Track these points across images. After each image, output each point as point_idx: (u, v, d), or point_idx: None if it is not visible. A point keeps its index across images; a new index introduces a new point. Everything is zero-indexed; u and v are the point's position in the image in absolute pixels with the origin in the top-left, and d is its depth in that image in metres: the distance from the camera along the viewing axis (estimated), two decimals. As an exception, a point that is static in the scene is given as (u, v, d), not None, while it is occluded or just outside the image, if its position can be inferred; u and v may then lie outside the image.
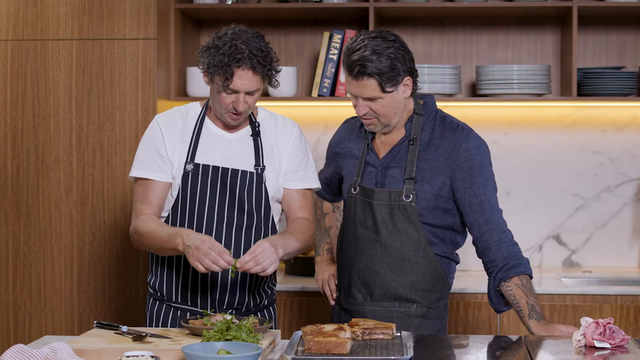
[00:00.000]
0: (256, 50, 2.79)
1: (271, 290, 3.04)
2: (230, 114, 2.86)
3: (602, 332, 2.49)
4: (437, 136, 2.94)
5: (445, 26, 4.36)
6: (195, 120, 2.95)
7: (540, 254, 4.32)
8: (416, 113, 2.96)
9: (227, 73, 2.77)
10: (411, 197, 2.89)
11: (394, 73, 2.84)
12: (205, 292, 2.89)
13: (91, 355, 2.40)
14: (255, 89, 2.83)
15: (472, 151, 2.91)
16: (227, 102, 2.83)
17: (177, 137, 2.92)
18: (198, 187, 2.88)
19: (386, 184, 2.94)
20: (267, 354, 2.45)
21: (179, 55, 4.09)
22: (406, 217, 2.90)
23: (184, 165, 2.89)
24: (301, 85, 4.38)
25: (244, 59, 2.77)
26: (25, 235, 3.93)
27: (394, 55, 2.84)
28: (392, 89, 2.86)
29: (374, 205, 2.93)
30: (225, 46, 2.78)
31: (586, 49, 4.31)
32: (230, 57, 2.77)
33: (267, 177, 2.92)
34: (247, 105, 2.84)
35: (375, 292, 2.95)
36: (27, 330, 3.93)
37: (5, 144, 3.92)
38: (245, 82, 2.80)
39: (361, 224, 2.97)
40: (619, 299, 3.72)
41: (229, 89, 2.80)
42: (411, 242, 2.91)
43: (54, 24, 3.89)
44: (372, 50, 2.82)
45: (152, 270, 3.00)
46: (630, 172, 4.29)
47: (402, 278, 2.93)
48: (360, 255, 2.97)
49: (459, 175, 2.90)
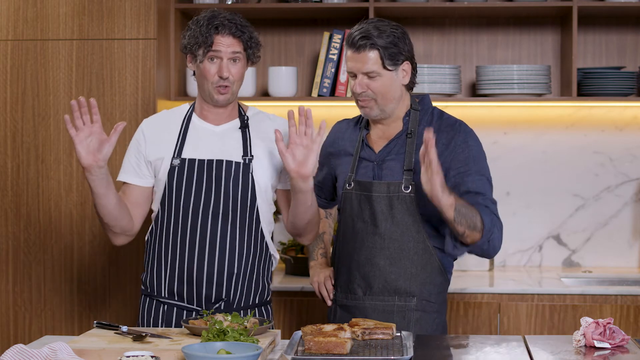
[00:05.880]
0: (235, 19, 2.88)
1: (264, 288, 3.02)
2: (217, 89, 2.90)
3: (602, 332, 2.49)
4: (434, 130, 2.95)
5: (445, 26, 4.36)
6: (183, 118, 3.00)
7: (540, 254, 4.32)
8: (413, 108, 2.99)
9: (207, 41, 2.84)
10: (410, 187, 2.90)
11: (396, 50, 2.89)
12: (191, 285, 2.90)
13: (91, 355, 2.40)
14: (237, 51, 2.87)
15: (469, 142, 2.93)
16: (211, 73, 2.88)
17: (163, 137, 2.97)
18: (184, 181, 2.91)
19: (383, 176, 2.95)
20: (267, 354, 2.45)
21: (179, 55, 4.09)
22: (406, 208, 2.91)
23: (171, 160, 2.93)
24: (301, 85, 4.38)
25: (222, 25, 2.86)
26: (25, 235, 3.93)
27: (396, 34, 2.91)
28: (392, 67, 2.90)
29: (373, 197, 2.94)
30: (204, 19, 2.88)
31: (586, 49, 4.31)
32: (208, 25, 2.86)
33: (256, 167, 2.93)
34: (231, 74, 2.88)
35: (374, 285, 2.95)
36: (27, 330, 3.93)
37: (5, 144, 3.92)
38: (226, 46, 2.86)
39: (359, 218, 2.97)
40: (619, 299, 3.72)
41: (211, 55, 2.86)
42: (410, 234, 2.92)
43: (54, 24, 3.89)
44: (375, 26, 2.91)
45: (145, 266, 3.03)
46: (630, 172, 4.29)
47: (402, 270, 2.93)
48: (359, 248, 2.97)
49: (454, 165, 2.90)
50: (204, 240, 2.88)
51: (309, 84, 4.38)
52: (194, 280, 2.89)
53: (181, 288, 2.91)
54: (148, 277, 2.99)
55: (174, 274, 2.92)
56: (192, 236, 2.89)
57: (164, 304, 2.96)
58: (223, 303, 2.91)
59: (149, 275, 2.98)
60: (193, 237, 2.89)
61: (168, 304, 2.95)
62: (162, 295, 2.95)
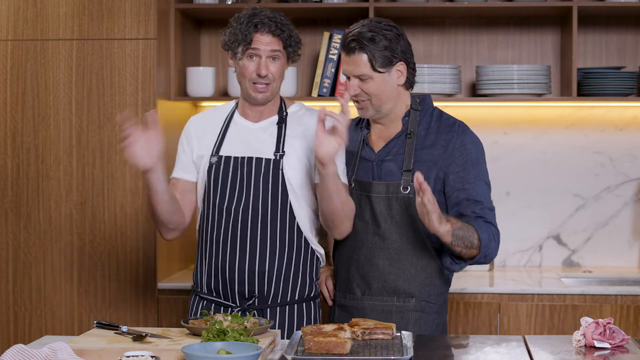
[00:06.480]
0: (275, 17, 2.90)
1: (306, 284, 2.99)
2: (255, 86, 2.91)
3: (602, 332, 2.49)
4: (433, 132, 2.95)
5: (445, 26, 4.36)
6: (226, 116, 3.04)
7: (540, 254, 4.32)
8: (413, 108, 2.99)
9: (246, 38, 2.86)
10: (409, 188, 2.90)
11: (388, 53, 2.89)
12: (225, 282, 2.92)
13: (91, 355, 2.40)
14: (276, 49, 2.88)
15: (467, 146, 2.93)
16: (250, 70, 2.89)
17: (207, 134, 3.01)
18: (220, 179, 2.94)
19: (383, 176, 2.95)
20: (267, 354, 2.45)
21: (179, 55, 4.09)
22: (404, 209, 2.91)
23: (209, 158, 2.97)
24: (301, 85, 4.38)
25: (262, 23, 2.87)
26: (25, 235, 3.93)
27: (389, 36, 2.90)
28: (383, 69, 2.90)
29: (372, 197, 2.94)
30: (245, 16, 2.89)
31: (586, 49, 4.31)
32: (248, 23, 2.87)
33: (286, 163, 2.92)
34: (269, 71, 2.88)
35: (373, 285, 2.95)
36: (27, 330, 3.93)
37: (5, 144, 3.92)
38: (265, 44, 2.87)
39: (359, 218, 2.97)
40: (619, 299, 3.72)
41: (250, 52, 2.87)
42: (410, 235, 2.92)
43: (54, 24, 3.89)
44: (368, 29, 2.90)
45: (195, 264, 3.08)
46: (630, 172, 4.29)
47: (401, 270, 2.93)
48: (359, 248, 2.97)
49: (453, 169, 2.90)
50: (235, 238, 2.90)
51: (309, 84, 4.38)
52: (227, 278, 2.92)
53: (217, 284, 2.95)
54: (194, 273, 3.05)
55: (210, 271, 2.96)
56: (225, 234, 2.91)
57: (204, 299, 3.00)
58: (256, 300, 2.92)
59: (195, 271, 3.04)
60: (226, 234, 2.91)
61: (207, 300, 2.99)
62: (203, 291, 2.99)
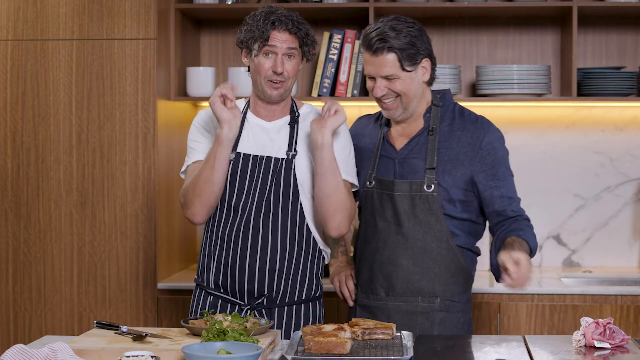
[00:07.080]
0: (292, 15, 2.89)
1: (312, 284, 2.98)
2: (270, 83, 2.90)
3: (602, 332, 2.49)
4: (457, 128, 2.93)
5: (445, 26, 4.36)
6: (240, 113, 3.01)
7: (540, 254, 4.32)
8: (434, 104, 2.96)
9: (263, 35, 2.85)
10: (433, 187, 2.88)
11: (414, 51, 2.86)
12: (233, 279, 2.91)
13: (91, 355, 2.40)
14: (292, 47, 2.88)
15: (494, 144, 2.92)
16: (265, 67, 2.88)
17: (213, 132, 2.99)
18: (237, 176, 2.92)
19: (405, 174, 2.92)
20: (267, 354, 2.45)
21: (179, 55, 4.09)
22: (428, 208, 2.88)
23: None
24: (301, 85, 4.38)
25: (279, 20, 2.87)
26: (25, 235, 3.93)
27: (413, 33, 2.87)
28: (411, 68, 2.87)
29: (395, 196, 2.91)
30: (261, 14, 2.89)
31: (586, 49, 4.31)
32: (265, 20, 2.87)
33: (298, 162, 2.92)
34: (285, 69, 2.88)
35: (397, 286, 2.92)
36: (27, 330, 3.93)
37: (5, 144, 3.92)
38: (281, 41, 2.86)
39: (380, 217, 2.94)
40: (619, 299, 3.72)
41: (266, 49, 2.86)
42: (433, 234, 2.89)
43: (54, 24, 3.89)
44: (391, 27, 2.87)
45: (199, 256, 3.07)
46: (630, 172, 4.29)
47: (425, 270, 2.89)
48: (381, 248, 2.94)
49: (481, 168, 2.90)
50: (246, 236, 2.90)
51: (309, 84, 4.37)
52: (237, 275, 2.91)
53: (225, 281, 2.94)
54: (199, 267, 3.03)
55: (219, 267, 2.95)
56: (237, 231, 2.91)
57: (211, 295, 2.99)
58: (265, 299, 2.92)
59: (200, 265, 3.03)
60: (237, 232, 2.91)
61: (214, 295, 2.98)
62: (210, 287, 2.98)
